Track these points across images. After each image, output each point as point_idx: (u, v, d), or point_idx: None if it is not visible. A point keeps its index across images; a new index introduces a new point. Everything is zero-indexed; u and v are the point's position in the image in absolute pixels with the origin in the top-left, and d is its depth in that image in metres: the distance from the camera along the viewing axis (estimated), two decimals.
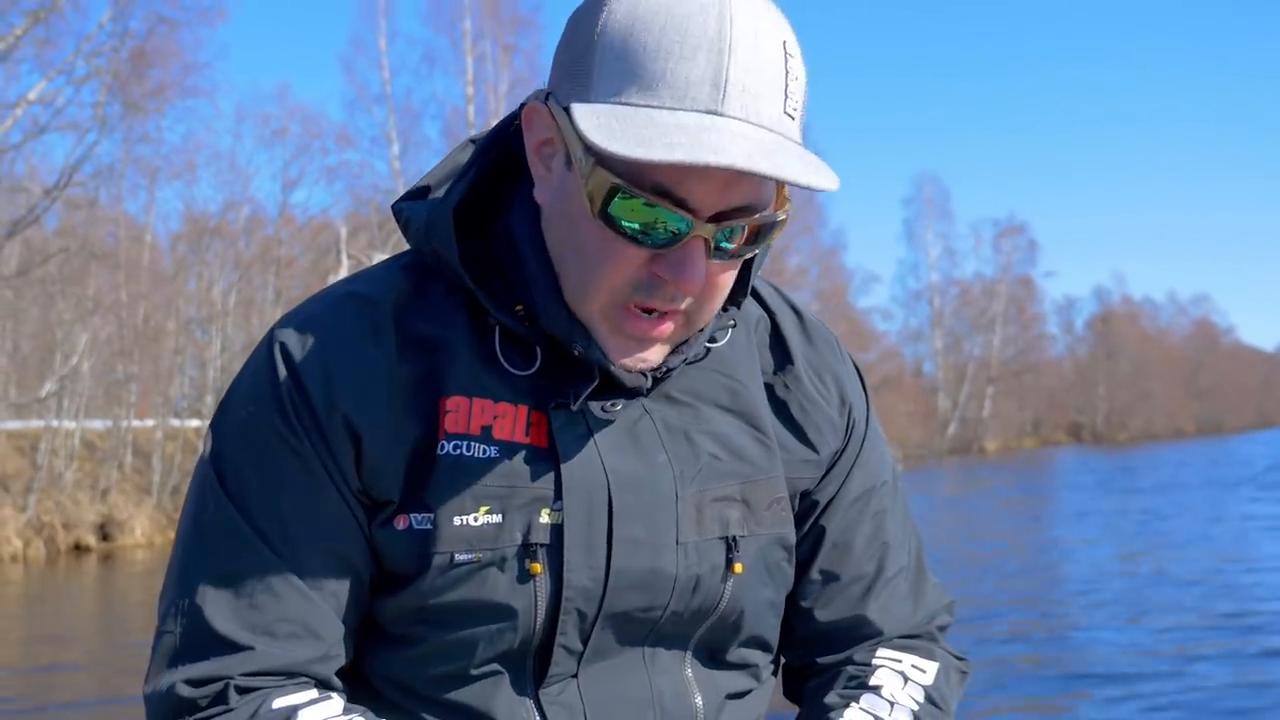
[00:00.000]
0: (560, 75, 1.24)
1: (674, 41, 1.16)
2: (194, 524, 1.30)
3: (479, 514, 1.27)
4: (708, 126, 1.14)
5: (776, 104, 1.18)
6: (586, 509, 1.29)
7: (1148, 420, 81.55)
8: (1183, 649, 10.51)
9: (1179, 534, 20.49)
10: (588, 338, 1.27)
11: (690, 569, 1.33)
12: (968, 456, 63.30)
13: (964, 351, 71.71)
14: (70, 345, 25.85)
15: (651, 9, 1.17)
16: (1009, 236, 74.04)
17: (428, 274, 1.33)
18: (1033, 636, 11.69)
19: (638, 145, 1.11)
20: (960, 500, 32.93)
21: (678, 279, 1.21)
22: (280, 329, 1.32)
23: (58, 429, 25.06)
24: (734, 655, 1.41)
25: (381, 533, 1.28)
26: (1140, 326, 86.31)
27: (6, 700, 10.78)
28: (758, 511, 1.38)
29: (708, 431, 1.36)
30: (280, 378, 1.28)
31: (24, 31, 18.92)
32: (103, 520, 24.58)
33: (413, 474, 1.27)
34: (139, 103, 23.06)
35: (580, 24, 1.23)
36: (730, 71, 1.16)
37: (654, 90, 1.15)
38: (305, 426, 1.27)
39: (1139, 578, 15.29)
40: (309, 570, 1.27)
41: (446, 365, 1.29)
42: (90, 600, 18.97)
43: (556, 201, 1.25)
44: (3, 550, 22.77)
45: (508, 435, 1.28)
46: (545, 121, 1.25)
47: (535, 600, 1.28)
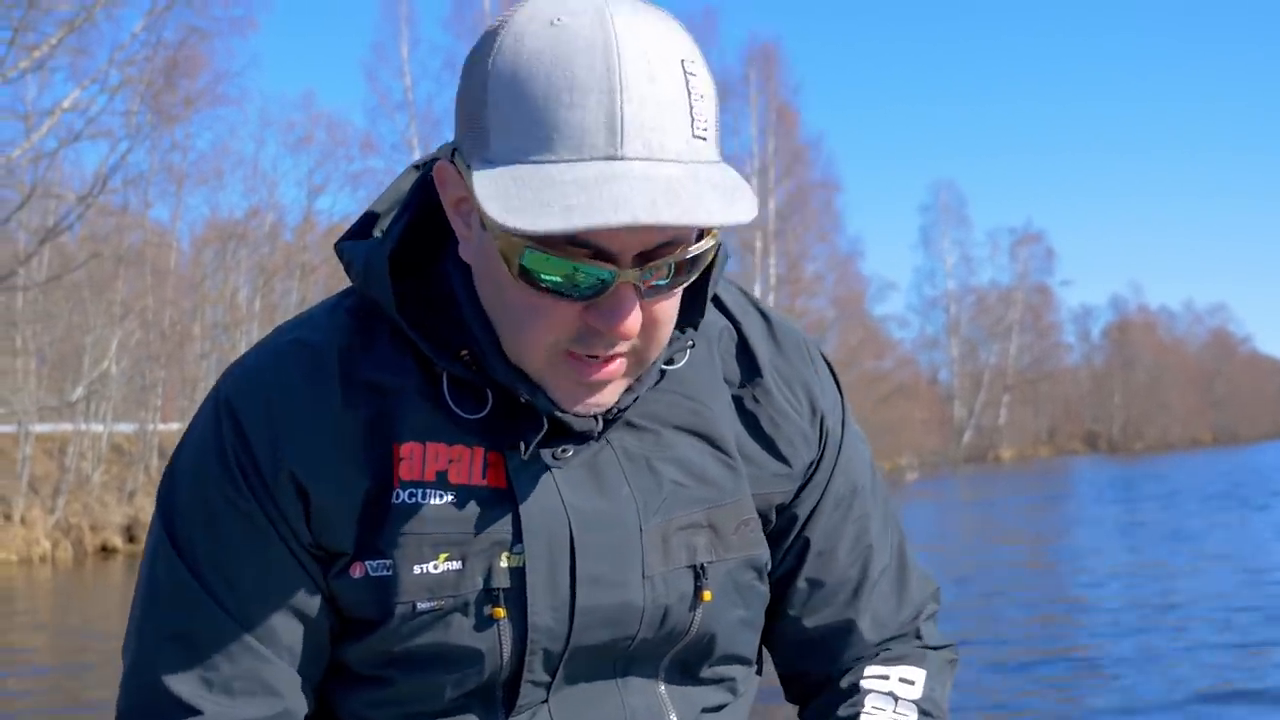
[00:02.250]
0: (461, 128, 1.19)
1: (561, 88, 1.10)
2: (147, 583, 1.29)
3: (438, 561, 1.24)
4: (607, 176, 1.08)
5: (682, 131, 1.11)
6: (547, 550, 1.26)
7: (1164, 429, 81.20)
8: (1202, 664, 10.53)
9: (1198, 545, 20.48)
10: (534, 386, 1.23)
11: (658, 601, 1.31)
12: (983, 464, 63.13)
13: (980, 359, 71.55)
14: (99, 350, 26.18)
15: (535, 53, 1.11)
16: (1026, 244, 73.82)
17: (373, 316, 1.29)
18: (1044, 646, 11.73)
19: (536, 216, 1.07)
20: (975, 508, 32.96)
21: (611, 328, 1.17)
22: (225, 383, 1.29)
23: (86, 432, 25.37)
24: (708, 672, 1.39)
25: (338, 582, 1.26)
26: (1157, 336, 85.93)
27: (36, 696, 11.03)
28: (725, 536, 1.35)
29: (670, 458, 1.33)
30: (225, 437, 1.25)
31: (58, 40, 19.20)
32: (129, 522, 24.86)
33: (366, 523, 1.25)
34: (171, 111, 23.38)
35: (471, 74, 1.17)
36: (625, 110, 1.09)
37: (548, 144, 1.10)
38: (252, 485, 1.24)
39: (1154, 590, 15.30)
40: (263, 628, 1.25)
41: (397, 411, 1.26)
42: (117, 601, 19.21)
43: (479, 261, 1.22)
44: (32, 551, 23.05)
45: (464, 479, 1.25)
46: (455, 180, 1.21)
47: (500, 643, 1.27)
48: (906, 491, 37.83)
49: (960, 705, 8.65)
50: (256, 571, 1.26)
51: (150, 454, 26.44)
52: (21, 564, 22.57)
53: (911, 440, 55.46)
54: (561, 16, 1.13)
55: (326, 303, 1.34)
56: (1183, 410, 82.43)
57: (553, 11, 1.14)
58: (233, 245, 31.15)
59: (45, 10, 18.97)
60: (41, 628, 15.92)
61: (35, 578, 21.13)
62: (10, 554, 22.73)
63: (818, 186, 48.70)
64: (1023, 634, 12.26)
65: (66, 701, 10.85)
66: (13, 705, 10.44)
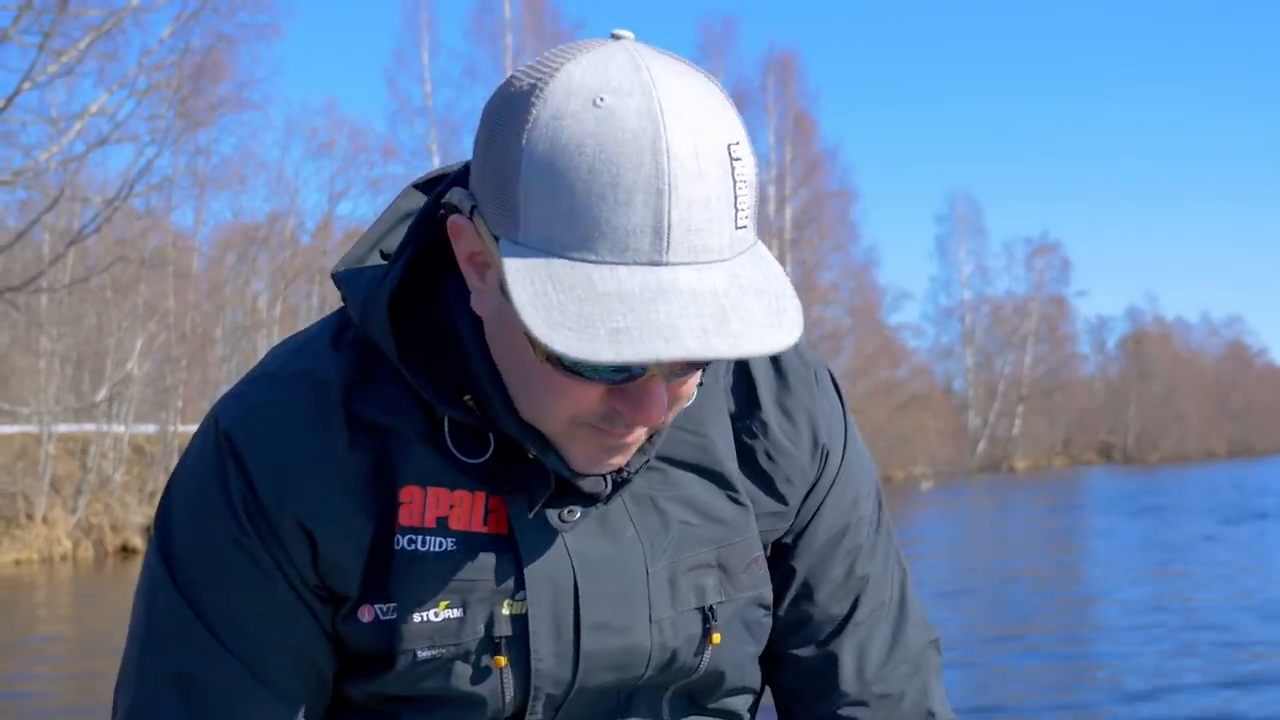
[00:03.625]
0: (483, 189, 1.10)
1: (606, 185, 1.02)
2: (146, 619, 1.24)
3: (439, 609, 1.21)
4: (653, 292, 1.02)
5: (726, 227, 1.05)
6: (550, 597, 1.23)
7: (1179, 441, 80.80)
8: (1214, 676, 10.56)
9: (1212, 556, 20.47)
10: (544, 443, 1.18)
11: (665, 644, 1.28)
12: (997, 474, 62.96)
13: (995, 369, 71.43)
14: (121, 352, 26.39)
15: (577, 140, 1.03)
16: (1042, 255, 73.70)
17: (371, 352, 1.24)
18: (1058, 656, 11.75)
19: (580, 337, 1.01)
20: (990, 518, 32.96)
21: (636, 416, 1.12)
22: (226, 416, 1.23)
23: (107, 433, 25.58)
24: (714, 704, 1.37)
25: (346, 626, 1.23)
26: (1172, 347, 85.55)
27: (56, 697, 11.17)
28: (735, 575, 1.31)
29: (677, 496, 1.28)
30: (229, 475, 1.21)
31: (87, 45, 19.41)
32: (149, 523, 25.00)
33: (372, 566, 1.21)
34: (197, 116, 23.61)
35: (500, 141, 1.07)
36: (672, 214, 1.03)
37: (589, 243, 1.03)
38: (256, 526, 1.20)
39: (1170, 604, 15.31)
40: (266, 671, 1.22)
41: (398, 453, 1.21)
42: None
43: (498, 328, 1.16)
44: (53, 551, 23.25)
45: (464, 525, 1.22)
46: (472, 238, 1.12)
47: (502, 690, 1.24)
48: (921, 501, 37.89)
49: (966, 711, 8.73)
50: (260, 612, 1.22)
51: (171, 455, 26.62)
52: (43, 563, 22.77)
53: (926, 450, 55.48)
54: (605, 96, 1.04)
55: (325, 329, 1.28)
56: (1198, 422, 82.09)
57: (595, 87, 1.05)
58: (254, 249, 31.37)
59: (74, 15, 19.17)
60: (62, 626, 16.08)
61: (56, 577, 21.32)
62: (32, 553, 22.93)
63: (834, 195, 48.90)
64: (1033, 649, 12.26)
65: (86, 699, 10.99)
66: (35, 704, 10.56)
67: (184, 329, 27.89)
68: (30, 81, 18.98)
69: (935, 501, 37.83)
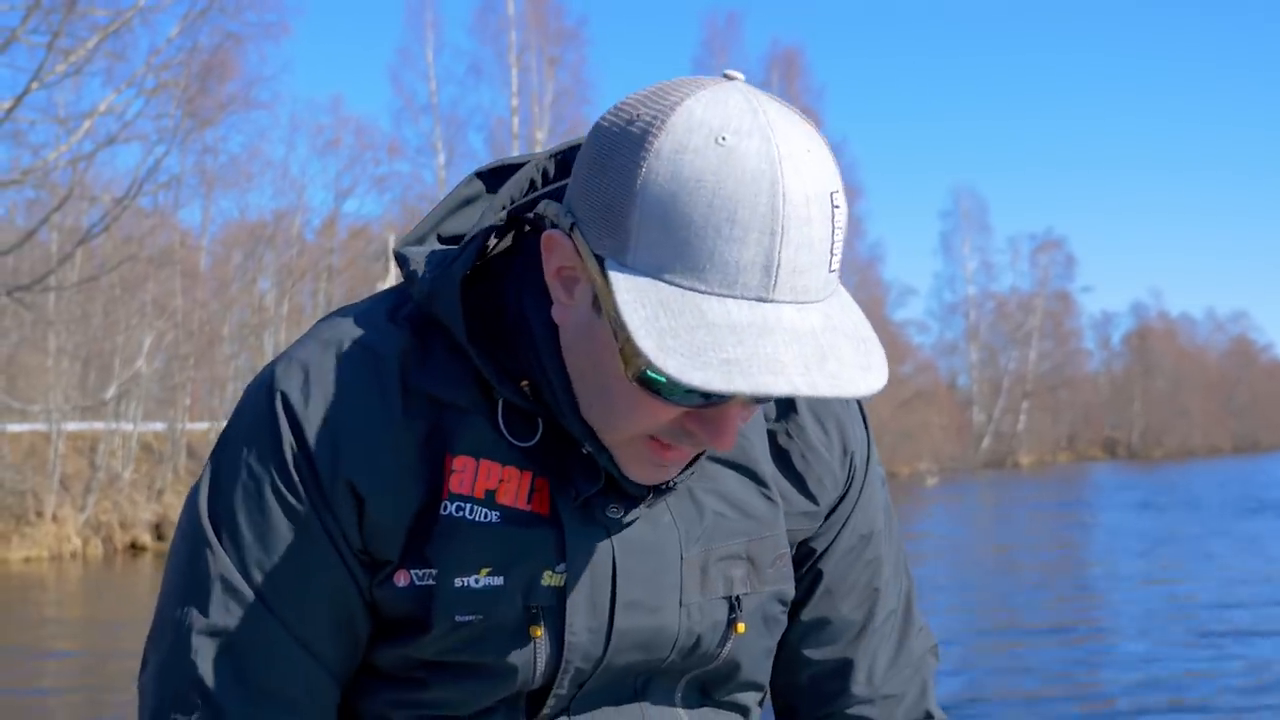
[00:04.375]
0: (587, 210, 1.14)
1: (723, 220, 1.07)
2: (189, 572, 1.25)
3: (480, 575, 1.24)
4: (760, 327, 1.07)
5: (823, 270, 1.11)
6: (589, 573, 1.26)
7: (1184, 437, 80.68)
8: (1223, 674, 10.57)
9: (1218, 553, 20.49)
10: (598, 443, 1.23)
11: (692, 629, 1.32)
12: (1002, 470, 63.00)
13: (999, 365, 71.38)
14: (130, 349, 26.49)
15: (696, 177, 1.07)
16: (1046, 251, 73.59)
17: (428, 329, 1.26)
18: (1063, 659, 11.79)
19: (693, 364, 1.05)
20: (994, 514, 32.97)
21: (711, 440, 1.18)
22: (282, 379, 1.25)
23: (116, 431, 25.66)
24: (724, 696, 1.40)
25: (382, 590, 1.25)
26: (1177, 343, 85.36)
27: (70, 691, 11.26)
28: (762, 569, 1.35)
29: (712, 489, 1.33)
30: (283, 434, 1.23)
31: (94, 44, 19.48)
32: (158, 520, 25.14)
33: (414, 532, 1.24)
34: (206, 115, 23.68)
35: (612, 165, 1.12)
36: (782, 254, 1.08)
37: (700, 273, 1.08)
38: (307, 488, 1.23)
39: (1173, 599, 15.34)
40: (304, 632, 1.24)
41: (453, 425, 1.24)
42: (145, 597, 19.47)
43: (581, 338, 1.19)
44: (62, 548, 23.33)
45: (510, 501, 1.25)
46: (568, 253, 1.16)
47: (535, 660, 1.27)
48: (926, 497, 37.91)
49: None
50: (303, 573, 1.24)
51: (179, 453, 26.73)
52: (53, 560, 22.85)
53: (930, 446, 55.45)
54: (726, 135, 1.09)
55: (380, 303, 1.31)
56: (1203, 418, 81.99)
57: (718, 126, 1.09)
58: (260, 247, 31.45)
59: (82, 15, 19.25)
60: (72, 622, 16.18)
61: (66, 574, 21.41)
62: (42, 550, 23.02)
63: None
64: (1035, 649, 12.30)
65: (95, 694, 11.09)
66: (46, 700, 10.63)
67: (191, 327, 27.95)
68: (39, 81, 19.07)
69: (940, 498, 37.84)
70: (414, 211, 37.62)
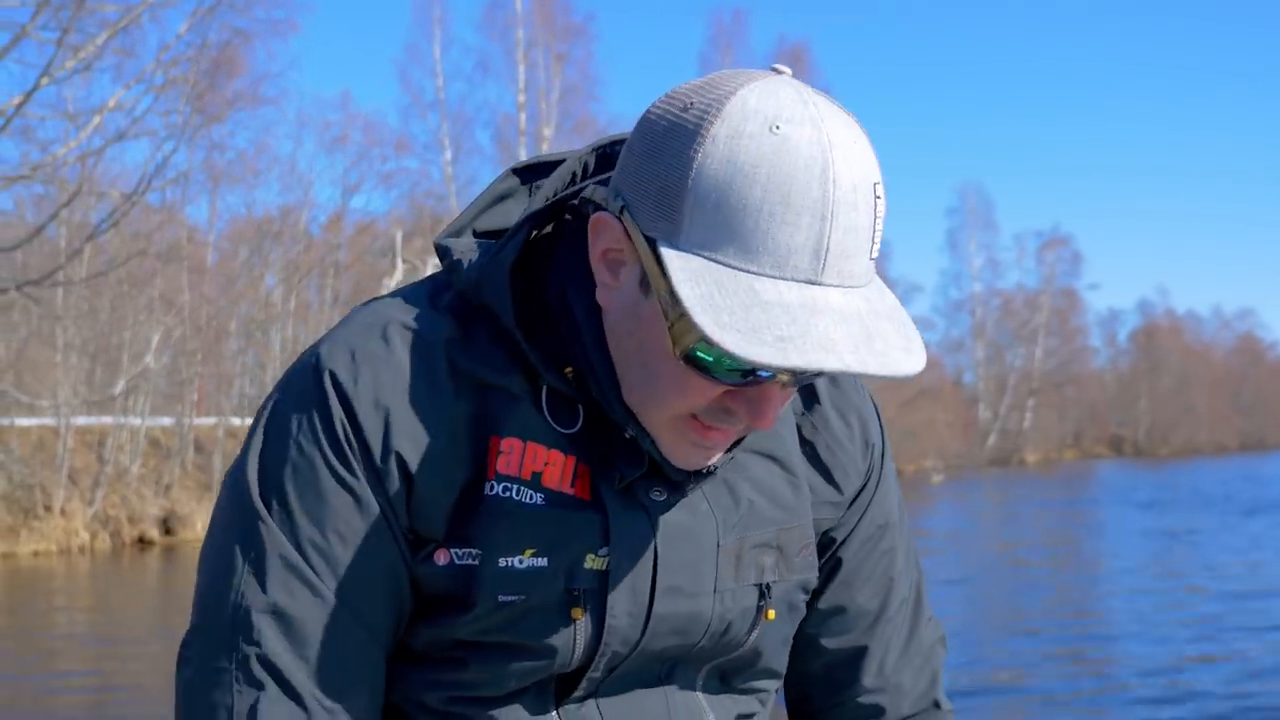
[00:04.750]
0: (638, 194, 1.18)
1: (776, 203, 1.11)
2: (244, 551, 1.25)
3: (524, 556, 1.26)
4: (810, 307, 1.11)
5: (865, 256, 1.15)
6: (631, 558, 1.28)
7: (1190, 435, 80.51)
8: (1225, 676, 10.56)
9: (1224, 551, 20.48)
10: (640, 426, 1.26)
11: (725, 614, 1.34)
12: (1007, 468, 62.93)
13: (1005, 363, 71.36)
14: (139, 345, 26.56)
15: (752, 162, 1.12)
16: (1053, 248, 73.55)
17: (471, 316, 1.29)
18: (1069, 659, 11.80)
19: (749, 341, 1.08)
20: (1000, 511, 32.97)
21: (752, 419, 1.21)
22: (330, 357, 1.27)
23: (124, 426, 25.75)
24: (744, 683, 1.43)
25: (423, 568, 1.27)
26: (1183, 340, 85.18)
27: (79, 682, 11.33)
28: (790, 557, 1.38)
29: (746, 478, 1.35)
30: (334, 411, 1.24)
31: (104, 41, 19.54)
32: (165, 515, 25.26)
33: (458, 511, 1.26)
34: (214, 111, 23.74)
35: (666, 150, 1.16)
36: (831, 238, 1.12)
37: (752, 254, 1.12)
38: (362, 464, 1.24)
39: (1178, 596, 15.33)
40: (360, 607, 1.26)
41: (500, 408, 1.27)
42: (152, 590, 19.54)
43: (626, 319, 1.22)
44: (71, 542, 23.44)
45: (555, 484, 1.27)
46: (616, 236, 1.20)
47: (574, 642, 1.28)
48: (933, 494, 37.91)
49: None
50: (361, 551, 1.25)
51: (186, 448, 26.82)
52: (61, 554, 22.95)
53: (936, 443, 55.45)
54: (780, 124, 1.13)
55: (417, 292, 1.33)
56: (1209, 415, 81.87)
57: (771, 115, 1.13)
58: (267, 243, 31.51)
59: (91, 11, 19.30)
60: (80, 615, 16.25)
61: (74, 567, 21.50)
62: (50, 544, 23.12)
63: None
64: (1042, 649, 12.32)
65: (104, 681, 11.17)
66: (57, 710, 10.69)
67: (199, 323, 28.02)
68: (48, 77, 19.11)
69: (946, 495, 37.85)
70: (421, 208, 37.72)
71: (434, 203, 38.58)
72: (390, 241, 34.69)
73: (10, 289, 20.36)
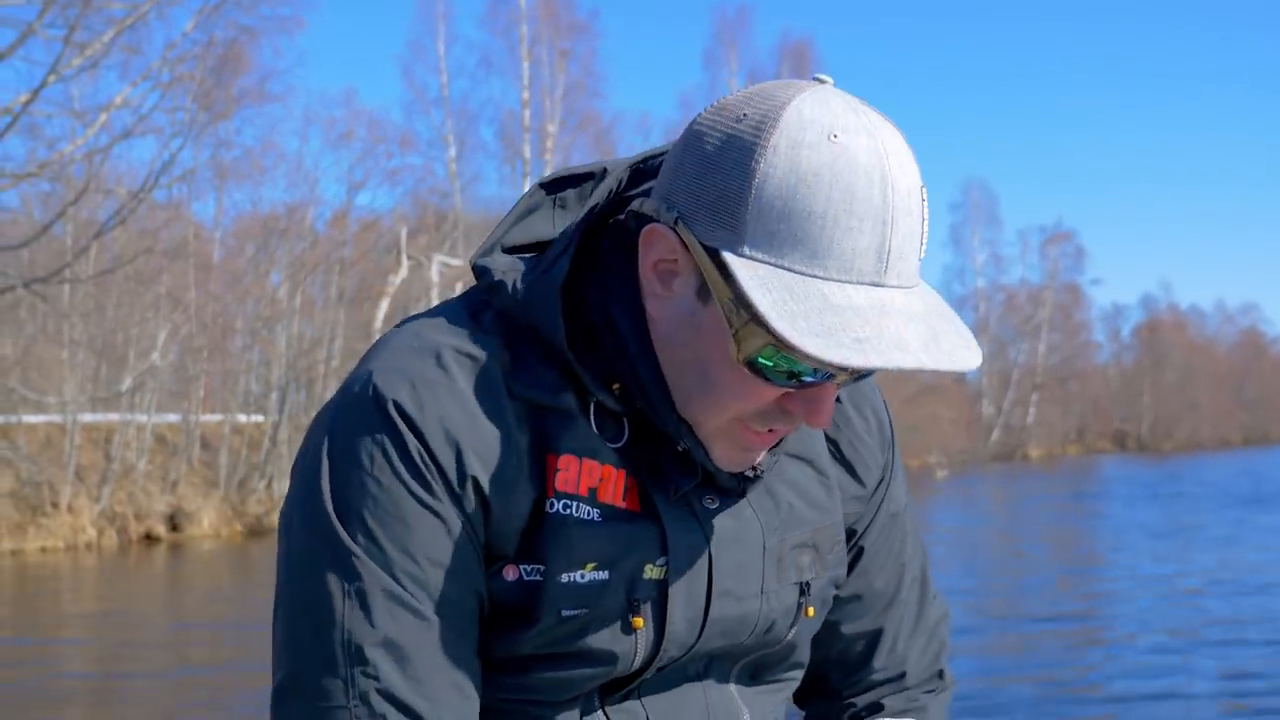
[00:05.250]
0: (693, 204, 1.20)
1: (841, 210, 1.15)
2: (337, 590, 1.24)
3: (585, 570, 1.28)
4: (878, 309, 1.15)
5: (916, 259, 1.20)
6: (689, 565, 1.31)
7: (1193, 429, 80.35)
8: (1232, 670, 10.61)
9: (1227, 545, 20.50)
10: (692, 436, 1.28)
11: (770, 614, 1.38)
12: (1011, 463, 62.94)
13: (1009, 358, 71.18)
14: (145, 342, 26.63)
15: (814, 171, 1.15)
16: (1056, 243, 73.36)
17: (517, 336, 1.30)
18: (1074, 654, 11.85)
19: (828, 343, 1.12)
20: (1004, 507, 32.99)
21: (809, 418, 1.24)
22: (389, 386, 1.26)
23: (131, 422, 25.81)
24: (775, 676, 1.47)
25: (492, 583, 1.29)
26: (1187, 335, 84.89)
27: (85, 678, 11.37)
28: (824, 555, 1.42)
29: (784, 480, 1.39)
30: (407, 440, 1.24)
31: (110, 38, 19.58)
32: (172, 511, 25.33)
33: (526, 530, 1.28)
34: (220, 109, 23.78)
35: (724, 161, 1.19)
36: (892, 242, 1.16)
37: (819, 260, 1.15)
38: (443, 488, 1.25)
39: (1182, 591, 15.34)
40: (460, 627, 1.27)
41: (556, 427, 1.28)
42: (159, 586, 19.61)
43: (681, 327, 1.25)
44: (78, 539, 23.51)
45: (609, 499, 1.29)
46: (670, 247, 1.22)
47: (635, 649, 1.31)
48: (937, 489, 37.95)
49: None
50: (448, 573, 1.26)
51: (193, 445, 26.88)
52: (68, 550, 23.02)
53: (939, 439, 55.40)
54: (838, 133, 1.16)
55: (458, 313, 1.33)
56: (1212, 410, 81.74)
57: (827, 124, 1.17)
58: (273, 240, 31.54)
59: (98, 9, 19.35)
60: (87, 612, 16.29)
61: (81, 564, 21.56)
62: (58, 541, 23.19)
63: None
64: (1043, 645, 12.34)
65: (113, 672, 11.22)
66: (64, 705, 10.74)
67: (205, 320, 28.08)
68: (55, 74, 19.19)
69: (950, 490, 37.92)
70: (425, 204, 37.74)
71: (438, 199, 38.66)
72: (395, 238, 34.76)
73: (18, 286, 20.43)
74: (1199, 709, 8.78)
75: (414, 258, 34.03)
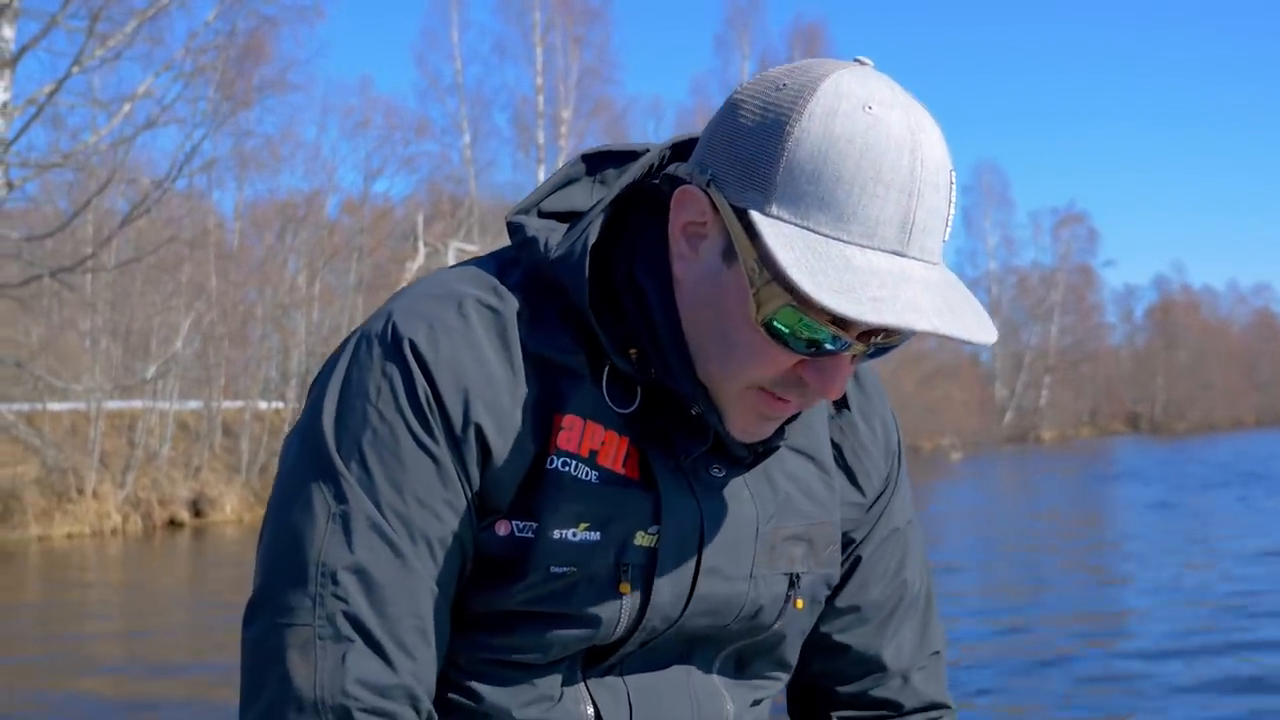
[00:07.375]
0: (726, 167, 1.22)
1: (869, 177, 1.16)
2: (322, 510, 1.25)
3: (578, 529, 1.28)
4: (898, 275, 1.16)
5: (939, 237, 1.21)
6: (679, 538, 1.32)
7: (1207, 410, 79.87)
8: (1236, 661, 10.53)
9: (1240, 526, 20.42)
10: (708, 401, 1.29)
11: (757, 599, 1.38)
12: (1024, 445, 62.71)
13: (1021, 340, 70.99)
14: (166, 330, 26.84)
15: (847, 137, 1.17)
16: (1068, 225, 73.07)
17: (539, 294, 1.32)
18: (1081, 644, 11.79)
19: (845, 298, 1.13)
20: (1017, 488, 33.03)
21: (823, 387, 1.24)
22: (407, 326, 1.28)
23: (154, 409, 26.01)
24: (757, 671, 1.46)
25: (483, 536, 1.29)
26: (1200, 316, 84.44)
27: (111, 664, 11.51)
28: (818, 552, 1.42)
29: (784, 471, 1.40)
30: (416, 379, 1.25)
31: (133, 29, 19.71)
32: (195, 497, 25.50)
33: (524, 485, 1.28)
34: (244, 98, 23.94)
35: (761, 125, 1.21)
36: (917, 214, 1.18)
37: (843, 223, 1.17)
38: (444, 434, 1.26)
39: (1196, 571, 15.20)
40: (435, 567, 1.27)
41: (565, 386, 1.29)
42: (183, 571, 19.82)
43: (704, 288, 1.26)
44: (103, 524, 23.65)
45: (609, 463, 1.30)
46: (700, 208, 1.24)
47: (620, 615, 1.31)
48: (951, 471, 37.96)
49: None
50: (439, 515, 1.26)
51: (214, 431, 27.05)
52: (93, 536, 23.18)
53: (952, 421, 55.43)
54: (873, 105, 1.19)
55: (485, 267, 1.35)
56: (1225, 391, 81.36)
57: (864, 96, 1.20)
58: (291, 228, 31.70)
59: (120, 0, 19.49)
60: (113, 596, 16.44)
61: (106, 549, 21.78)
62: (83, 526, 23.35)
63: None
64: (1063, 618, 12.38)
65: (136, 660, 11.36)
66: (89, 695, 10.92)
67: (225, 307, 28.27)
68: (78, 65, 19.33)
69: (963, 472, 37.88)
70: (440, 191, 37.88)
71: (453, 186, 38.80)
72: (411, 225, 34.90)
73: (44, 275, 20.63)
74: (1213, 689, 8.81)
75: (430, 244, 34.14)
